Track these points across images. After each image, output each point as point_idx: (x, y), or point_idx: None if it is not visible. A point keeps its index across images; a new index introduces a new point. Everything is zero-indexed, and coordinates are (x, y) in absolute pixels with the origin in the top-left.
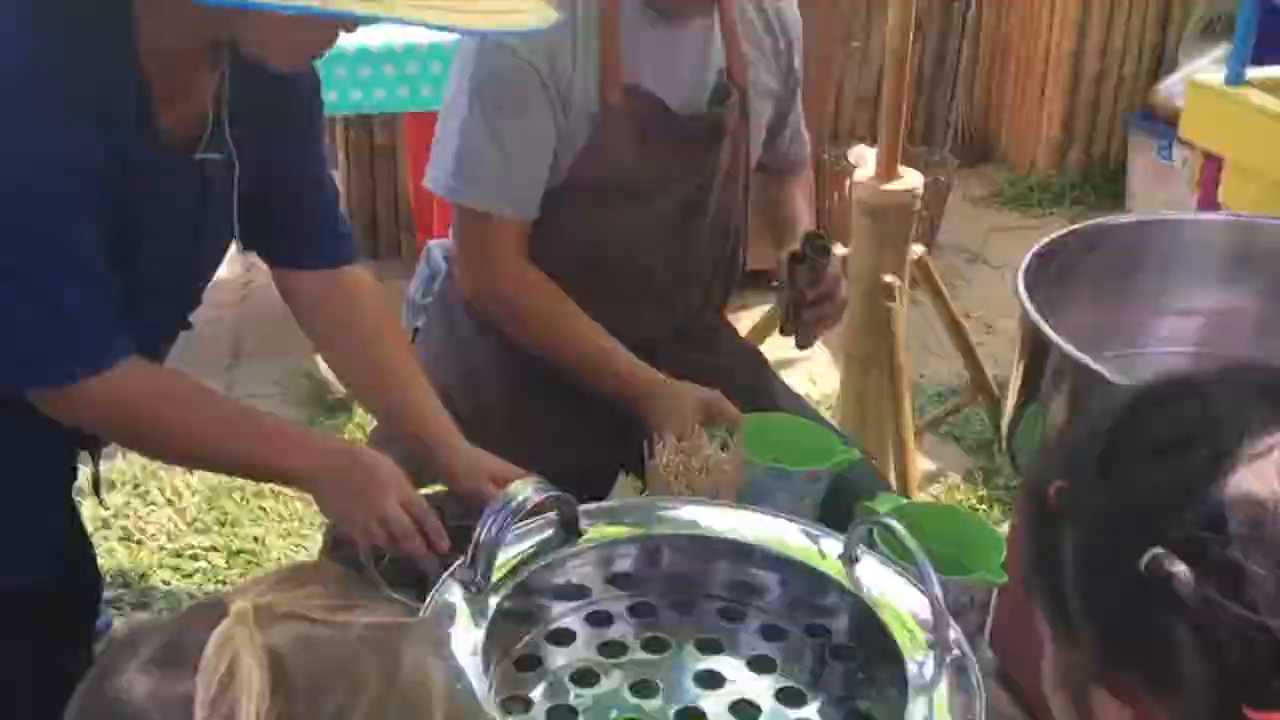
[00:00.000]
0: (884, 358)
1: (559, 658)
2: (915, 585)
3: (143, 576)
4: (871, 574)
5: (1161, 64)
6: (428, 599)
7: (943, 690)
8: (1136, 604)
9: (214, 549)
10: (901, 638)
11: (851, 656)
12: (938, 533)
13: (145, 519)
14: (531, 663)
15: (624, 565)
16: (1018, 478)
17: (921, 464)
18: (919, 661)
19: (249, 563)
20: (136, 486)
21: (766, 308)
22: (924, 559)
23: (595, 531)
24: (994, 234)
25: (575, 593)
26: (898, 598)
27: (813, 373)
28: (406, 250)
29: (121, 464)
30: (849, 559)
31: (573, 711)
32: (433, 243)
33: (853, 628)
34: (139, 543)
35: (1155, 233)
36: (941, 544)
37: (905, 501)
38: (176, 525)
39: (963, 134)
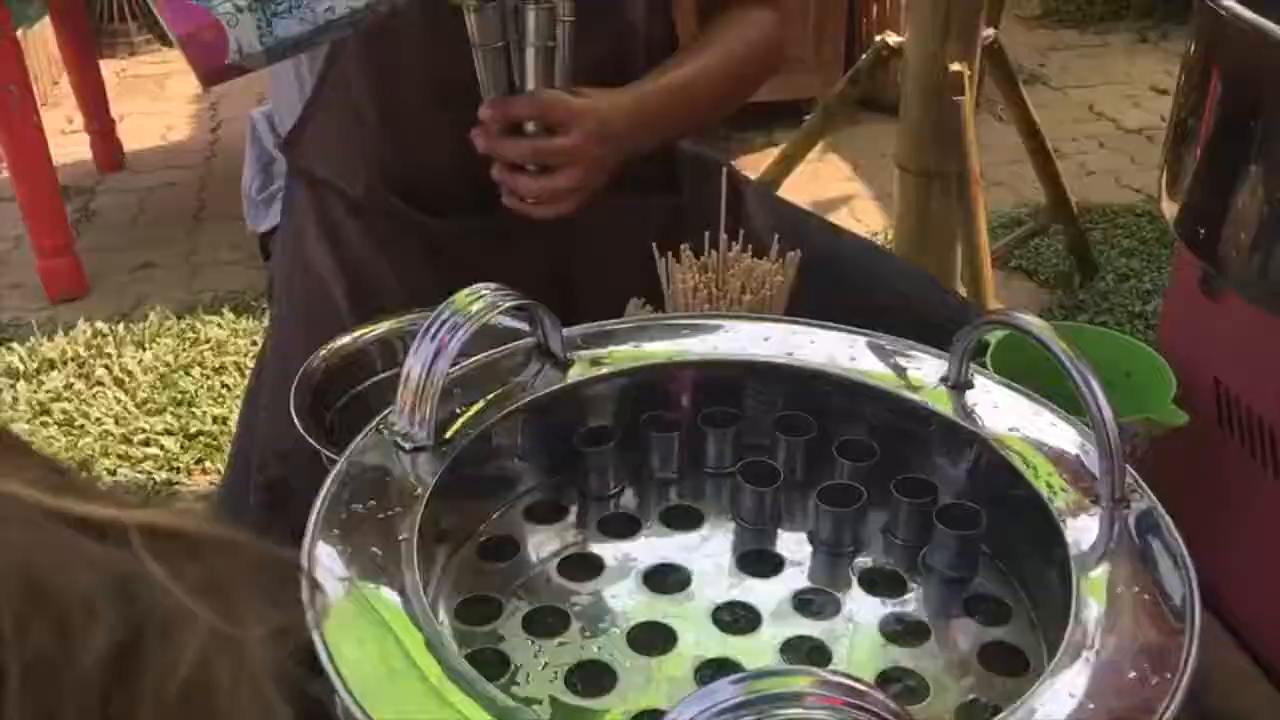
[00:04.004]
0: (950, 169)
1: (542, 541)
2: (1057, 415)
3: (83, 466)
4: (991, 403)
5: None
6: (338, 463)
7: (1121, 563)
8: None
9: (168, 432)
10: (1046, 489)
11: (969, 522)
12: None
13: (89, 402)
14: (502, 549)
15: (632, 407)
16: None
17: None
18: (1077, 522)
19: (208, 446)
20: (81, 366)
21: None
22: (1085, 368)
23: (588, 361)
24: (1053, 53)
25: (563, 450)
26: (1033, 435)
27: (854, 210)
28: None
29: (62, 341)
30: (957, 383)
31: (561, 615)
32: (256, 113)
33: (970, 479)
34: (81, 428)
35: None
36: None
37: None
38: (126, 408)
39: None
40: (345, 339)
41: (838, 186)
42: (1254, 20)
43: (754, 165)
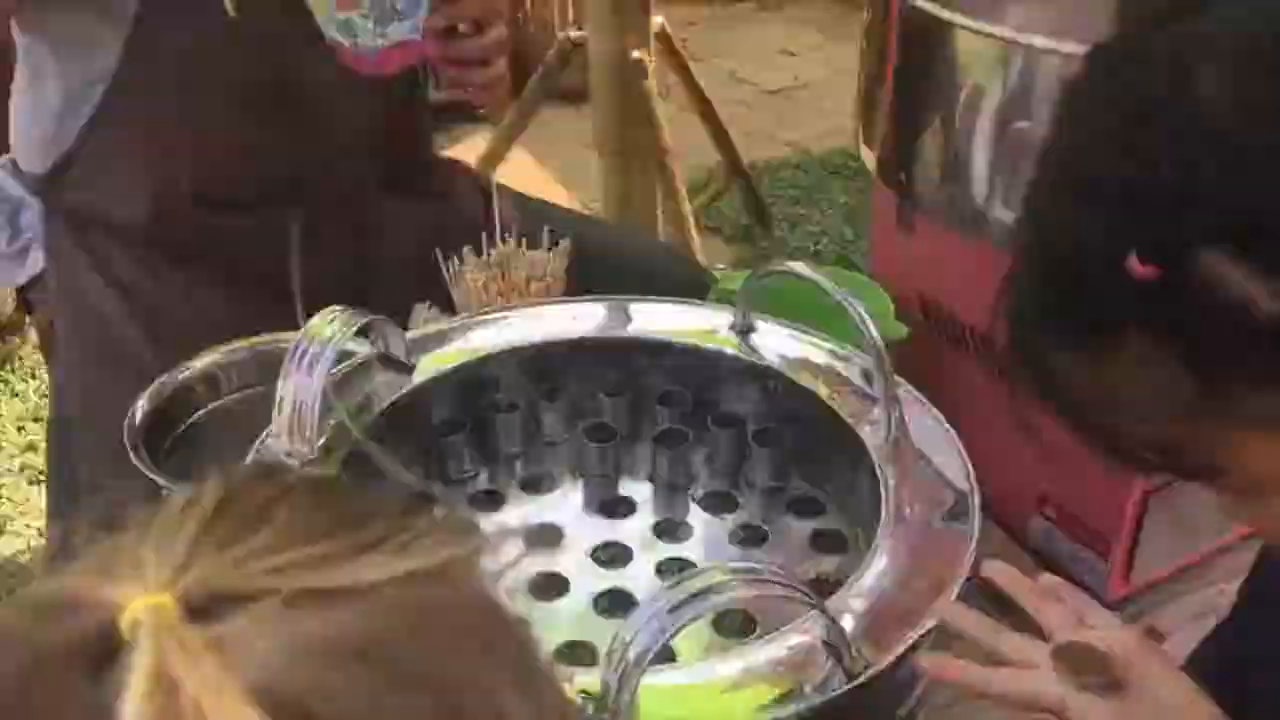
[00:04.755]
0: (645, 149)
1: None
2: (822, 340)
3: None
4: (774, 342)
5: None
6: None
7: (905, 448)
8: None
9: None
10: (831, 399)
11: (776, 439)
12: (804, 302)
13: None
14: None
15: (475, 394)
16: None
17: None
18: (863, 421)
19: None
20: None
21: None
22: (845, 294)
23: (429, 361)
24: (691, 28)
25: (423, 443)
26: (811, 358)
27: (551, 197)
28: None
29: None
30: (743, 329)
31: None
32: None
33: (769, 404)
34: None
35: None
36: (812, 312)
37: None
38: None
39: None
40: (165, 378)
41: (537, 177)
42: None
43: None
